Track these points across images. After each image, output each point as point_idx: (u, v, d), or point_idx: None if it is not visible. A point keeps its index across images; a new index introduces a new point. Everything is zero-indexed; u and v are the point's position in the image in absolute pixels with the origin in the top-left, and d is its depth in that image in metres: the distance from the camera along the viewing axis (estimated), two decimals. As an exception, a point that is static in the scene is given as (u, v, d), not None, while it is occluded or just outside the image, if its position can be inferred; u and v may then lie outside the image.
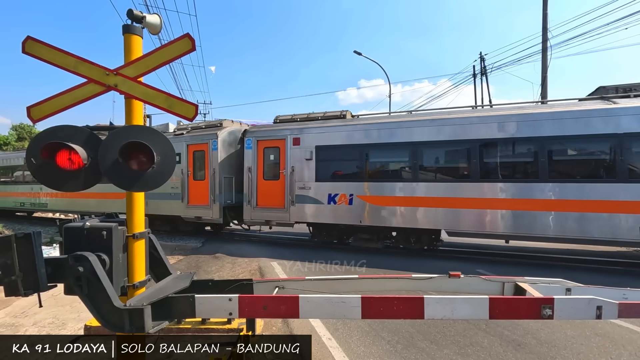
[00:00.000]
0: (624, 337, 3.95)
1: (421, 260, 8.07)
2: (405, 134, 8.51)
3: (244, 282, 2.54)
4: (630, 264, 7.65)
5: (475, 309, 2.00)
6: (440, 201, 8.06)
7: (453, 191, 8.03)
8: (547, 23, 13.24)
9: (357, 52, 19.26)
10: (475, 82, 19.69)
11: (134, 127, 2.11)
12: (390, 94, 20.65)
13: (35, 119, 2.10)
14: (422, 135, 8.32)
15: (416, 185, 8.35)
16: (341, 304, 2.02)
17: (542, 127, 7.33)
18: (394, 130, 8.65)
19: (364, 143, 8.87)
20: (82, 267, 1.89)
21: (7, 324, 4.31)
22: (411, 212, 8.33)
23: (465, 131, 7.94)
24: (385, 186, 8.64)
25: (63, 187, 2.06)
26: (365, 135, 8.88)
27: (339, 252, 8.77)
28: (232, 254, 8.79)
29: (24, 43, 2.05)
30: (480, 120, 7.94)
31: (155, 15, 2.35)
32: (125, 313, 1.90)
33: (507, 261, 8.15)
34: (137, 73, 2.14)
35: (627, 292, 2.23)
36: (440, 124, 8.22)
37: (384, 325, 4.20)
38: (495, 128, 7.73)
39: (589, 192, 6.94)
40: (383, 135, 8.73)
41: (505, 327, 4.14)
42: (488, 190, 7.71)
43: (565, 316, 2.00)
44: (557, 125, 7.24)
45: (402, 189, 8.45)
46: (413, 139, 8.41)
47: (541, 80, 13.34)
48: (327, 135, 9.27)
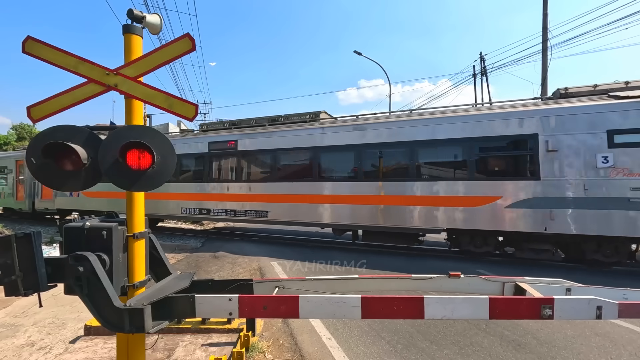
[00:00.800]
0: (624, 337, 3.95)
1: (421, 260, 8.07)
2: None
3: (244, 282, 2.54)
4: (630, 264, 7.65)
5: (475, 309, 2.00)
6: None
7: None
8: (547, 23, 13.24)
9: (357, 52, 19.26)
10: (475, 82, 19.72)
11: (134, 127, 2.11)
12: (390, 94, 20.66)
13: (35, 119, 2.10)
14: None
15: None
16: (341, 304, 2.02)
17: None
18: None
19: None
20: (82, 267, 1.90)
21: (7, 323, 4.31)
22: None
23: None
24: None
25: (63, 187, 2.07)
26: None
27: (339, 252, 8.77)
28: (232, 254, 8.79)
29: (24, 43, 2.05)
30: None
31: (155, 15, 2.35)
32: (125, 313, 1.90)
33: (507, 261, 8.14)
34: (137, 73, 2.14)
35: (627, 292, 2.23)
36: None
37: (384, 325, 4.20)
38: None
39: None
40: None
41: (505, 327, 4.14)
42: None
43: (565, 316, 2.00)
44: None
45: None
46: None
47: (541, 80, 13.34)
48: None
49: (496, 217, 7.36)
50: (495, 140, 7.57)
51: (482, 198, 7.49)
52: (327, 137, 9.19)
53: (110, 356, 3.26)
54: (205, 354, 3.33)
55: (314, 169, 9.31)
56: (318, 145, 9.25)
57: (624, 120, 6.55)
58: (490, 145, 7.67)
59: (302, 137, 9.51)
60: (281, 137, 9.81)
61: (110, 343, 3.49)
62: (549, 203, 6.96)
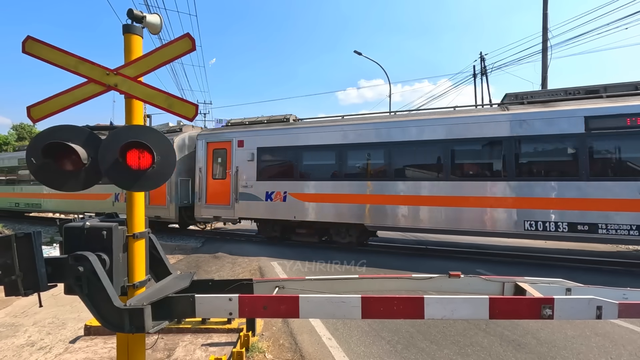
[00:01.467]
0: (624, 337, 3.95)
1: (421, 260, 8.07)
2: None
3: (244, 282, 2.54)
4: (630, 264, 7.65)
5: (475, 309, 2.00)
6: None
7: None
8: (547, 23, 13.25)
9: (357, 52, 19.27)
10: (475, 82, 19.71)
11: (134, 127, 2.11)
12: (390, 94, 20.67)
13: (35, 119, 2.10)
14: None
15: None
16: (341, 304, 2.02)
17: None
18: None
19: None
20: (82, 266, 1.90)
21: (7, 323, 4.31)
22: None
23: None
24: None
25: (63, 187, 2.07)
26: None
27: (339, 252, 8.77)
28: (232, 254, 8.79)
29: (24, 43, 2.05)
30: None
31: (155, 15, 2.35)
32: (125, 313, 1.90)
33: (507, 261, 8.14)
34: (137, 73, 2.14)
35: (627, 292, 2.23)
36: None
37: (384, 325, 4.20)
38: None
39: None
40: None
41: (505, 327, 4.14)
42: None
43: (565, 316, 2.00)
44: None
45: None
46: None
47: (541, 80, 13.35)
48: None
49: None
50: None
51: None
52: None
53: (110, 356, 3.26)
54: (205, 354, 3.33)
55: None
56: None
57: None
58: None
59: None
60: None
61: (110, 343, 3.49)
62: None
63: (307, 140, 9.50)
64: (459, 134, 7.94)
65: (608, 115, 6.84)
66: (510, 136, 7.47)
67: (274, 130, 10.06)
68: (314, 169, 9.64)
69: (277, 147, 9.89)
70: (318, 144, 9.41)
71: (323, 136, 9.36)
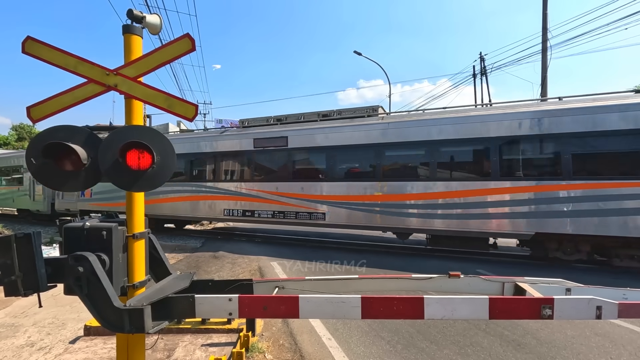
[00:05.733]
0: (624, 337, 3.95)
1: (421, 260, 8.07)
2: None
3: (244, 282, 2.54)
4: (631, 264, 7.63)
5: (475, 309, 2.00)
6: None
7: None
8: (547, 23, 13.24)
9: (357, 52, 19.26)
10: (475, 82, 19.71)
11: (134, 127, 2.10)
12: (390, 94, 20.67)
13: (35, 119, 2.10)
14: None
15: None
16: (341, 304, 2.02)
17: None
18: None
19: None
20: (82, 267, 1.89)
21: (7, 324, 4.31)
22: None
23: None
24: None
25: (63, 187, 2.07)
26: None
27: (339, 252, 8.77)
28: (232, 254, 8.79)
29: (23, 43, 2.05)
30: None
31: (155, 15, 2.35)
32: (125, 313, 1.90)
33: (507, 261, 8.14)
34: (137, 73, 2.14)
35: (627, 292, 2.23)
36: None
37: (384, 325, 4.20)
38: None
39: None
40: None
41: (505, 327, 4.14)
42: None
43: (565, 316, 1.99)
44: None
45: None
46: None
47: (541, 80, 13.34)
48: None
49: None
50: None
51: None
52: None
53: (110, 356, 3.26)
54: (205, 354, 3.33)
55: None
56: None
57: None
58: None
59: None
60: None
61: (110, 343, 3.49)
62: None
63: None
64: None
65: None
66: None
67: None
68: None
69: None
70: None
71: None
